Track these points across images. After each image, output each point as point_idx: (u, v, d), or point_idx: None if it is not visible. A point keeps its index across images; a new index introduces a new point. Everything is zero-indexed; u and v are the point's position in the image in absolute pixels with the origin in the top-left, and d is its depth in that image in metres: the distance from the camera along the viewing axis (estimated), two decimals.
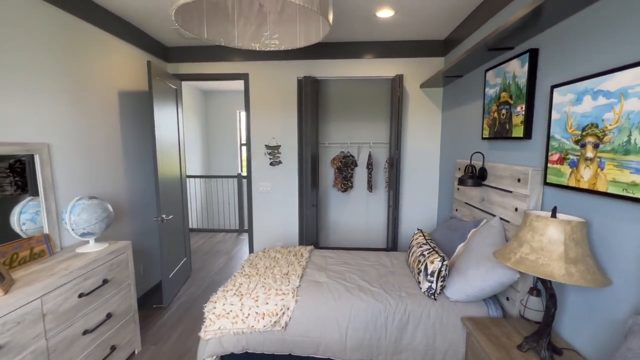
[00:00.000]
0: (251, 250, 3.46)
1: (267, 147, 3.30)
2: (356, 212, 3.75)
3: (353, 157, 3.59)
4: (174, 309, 2.79)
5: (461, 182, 2.06)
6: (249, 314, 1.73)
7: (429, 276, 1.78)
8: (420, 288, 1.85)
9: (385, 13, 2.40)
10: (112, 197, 2.46)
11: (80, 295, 1.68)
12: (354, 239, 3.74)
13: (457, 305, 1.72)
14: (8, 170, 1.76)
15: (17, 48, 1.72)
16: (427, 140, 3.21)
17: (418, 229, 2.33)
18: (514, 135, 1.78)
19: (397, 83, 2.96)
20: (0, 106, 1.64)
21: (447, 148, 3.00)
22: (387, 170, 3.48)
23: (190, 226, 5.29)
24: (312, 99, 3.09)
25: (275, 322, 1.70)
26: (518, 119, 1.74)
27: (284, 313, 1.73)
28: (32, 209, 1.85)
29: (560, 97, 1.41)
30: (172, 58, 3.23)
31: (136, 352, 2.19)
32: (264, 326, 1.69)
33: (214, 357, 1.77)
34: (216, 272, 3.57)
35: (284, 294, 1.81)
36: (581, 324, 1.35)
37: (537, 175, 1.56)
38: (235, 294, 1.84)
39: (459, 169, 2.48)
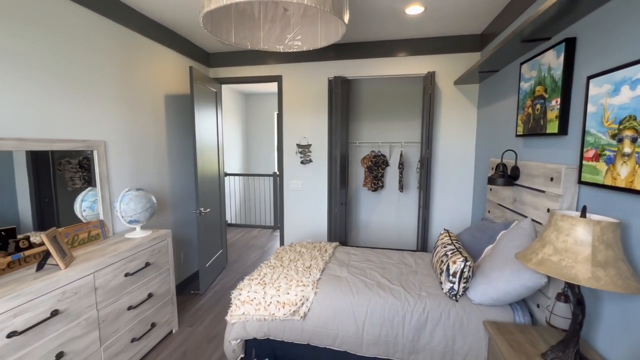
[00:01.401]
0: (282, 243, 3.59)
1: (298, 146, 3.40)
2: (387, 212, 3.72)
3: (384, 156, 3.56)
4: (209, 296, 3.00)
5: (491, 181, 1.97)
6: (270, 302, 1.82)
7: (450, 277, 1.73)
8: (442, 289, 1.80)
9: (414, 10, 2.37)
10: (156, 190, 2.73)
11: (126, 275, 1.91)
12: (385, 239, 3.71)
13: (480, 308, 1.65)
14: (78, 166, 2.07)
15: (81, 59, 2.00)
16: (461, 139, 3.08)
17: (445, 230, 2.26)
18: (548, 131, 1.66)
19: (428, 80, 2.89)
20: (67, 109, 1.92)
21: (482, 147, 2.86)
22: (419, 171, 3.40)
23: (229, 221, 5.61)
24: (342, 99, 3.13)
25: (294, 311, 1.78)
26: (553, 113, 1.62)
27: (303, 303, 1.80)
28: (91, 198, 2.13)
29: (597, 88, 1.30)
30: (213, 63, 3.49)
31: (173, 331, 2.40)
32: (284, 314, 1.78)
33: (239, 340, 1.89)
34: (249, 265, 3.76)
35: (304, 285, 1.88)
36: (619, 337, 1.23)
37: (572, 174, 1.45)
38: (259, 282, 1.95)
39: (492, 168, 2.36)
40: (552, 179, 1.55)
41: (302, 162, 3.42)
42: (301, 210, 3.49)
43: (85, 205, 2.10)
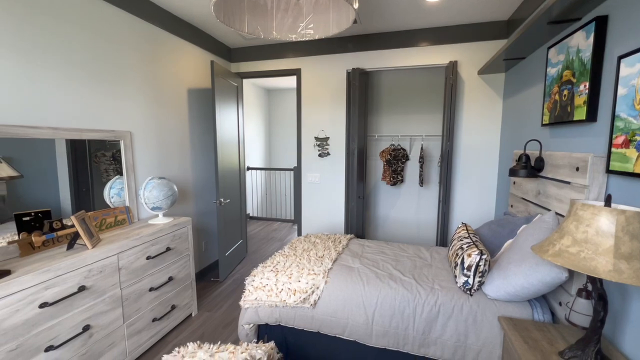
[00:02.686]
0: (299, 235, 3.62)
1: (316, 139, 3.41)
2: (407, 207, 3.64)
3: (404, 150, 3.49)
4: (228, 284, 3.10)
5: (513, 173, 1.87)
6: (282, 289, 1.86)
7: (465, 270, 1.67)
8: (457, 282, 1.75)
9: None
10: (179, 181, 2.85)
11: (147, 258, 2.01)
12: (404, 234, 3.64)
13: (496, 303, 1.58)
14: (112, 159, 2.21)
15: (109, 54, 2.13)
16: (485, 132, 2.95)
17: (462, 223, 2.18)
18: (575, 118, 1.55)
19: (450, 70, 2.79)
20: (96, 101, 2.05)
21: (507, 139, 2.72)
22: (440, 165, 3.30)
23: (250, 214, 5.75)
24: (360, 91, 3.10)
25: (304, 299, 1.80)
26: (580, 99, 1.51)
27: (313, 292, 1.81)
28: (118, 185, 2.26)
29: (628, 68, 1.20)
30: (234, 58, 3.57)
31: (193, 315, 2.51)
32: (295, 302, 1.80)
33: (251, 325, 1.95)
34: (268, 256, 3.84)
35: (315, 274, 1.90)
36: None
37: (599, 163, 1.35)
38: (272, 270, 1.99)
39: (515, 160, 2.24)
40: (577, 169, 1.45)
41: (319, 155, 3.43)
42: (318, 203, 3.50)
43: (113, 192, 2.24)
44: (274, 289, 1.88)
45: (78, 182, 2.00)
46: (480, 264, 1.62)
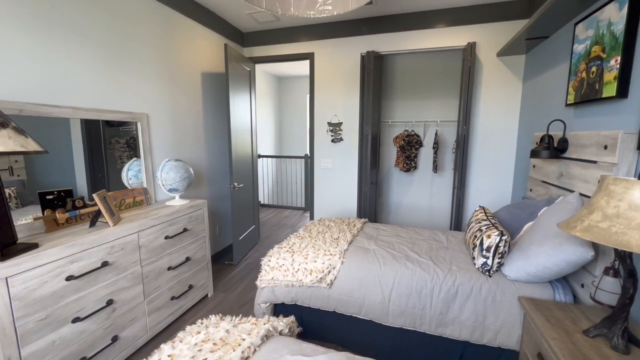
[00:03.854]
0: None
1: (329, 124, 3.39)
2: (420, 194, 3.60)
3: (418, 136, 3.44)
4: (241, 267, 3.14)
5: (534, 154, 1.83)
6: (298, 269, 1.87)
7: (484, 251, 1.65)
8: (475, 264, 1.73)
9: None
10: (193, 164, 2.88)
11: (166, 237, 2.05)
12: (416, 221, 3.61)
13: (516, 284, 1.57)
14: (126, 146, 2.23)
15: (127, 35, 2.13)
16: (503, 116, 2.88)
17: (480, 206, 2.15)
18: (604, 95, 1.50)
19: (468, 52, 2.71)
20: (114, 82, 2.07)
21: (526, 123, 2.65)
22: (455, 151, 3.25)
23: (261, 201, 5.79)
24: (374, 75, 3.05)
25: (321, 278, 1.81)
26: (611, 75, 1.45)
27: (329, 272, 1.82)
28: (136, 167, 2.29)
29: None
30: (247, 42, 3.54)
31: (209, 295, 2.56)
32: (311, 281, 1.81)
33: (268, 304, 1.97)
34: (280, 241, 3.86)
35: (331, 254, 1.90)
36: None
37: (630, 140, 1.30)
38: (287, 250, 2.01)
39: (536, 143, 2.19)
40: (605, 147, 1.40)
41: (332, 141, 3.41)
42: (331, 189, 3.50)
43: (130, 174, 2.27)
44: (290, 268, 1.89)
45: (94, 168, 2.02)
46: (500, 245, 1.60)
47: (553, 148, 1.78)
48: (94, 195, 1.71)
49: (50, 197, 1.75)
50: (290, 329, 1.24)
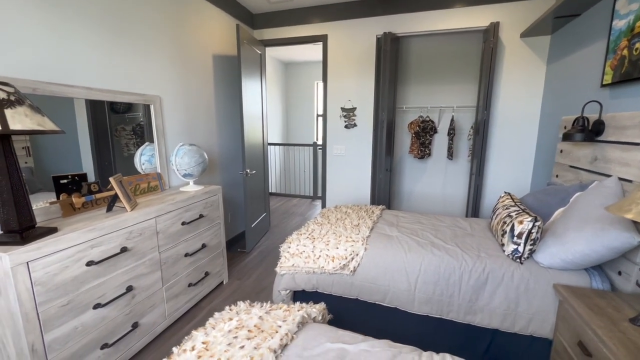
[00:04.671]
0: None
1: (343, 109, 3.30)
2: (433, 181, 3.53)
3: (433, 122, 3.34)
4: (254, 254, 3.11)
5: (567, 137, 1.75)
6: (319, 256, 1.82)
7: (515, 238, 1.59)
8: (504, 251, 1.68)
9: None
10: (205, 149, 2.81)
11: (182, 223, 2.00)
12: (429, 209, 3.55)
13: (550, 271, 1.51)
14: (132, 133, 2.14)
15: (137, 15, 2.03)
16: (524, 101, 2.79)
17: (505, 192, 2.08)
18: None
19: (491, 33, 2.60)
20: (127, 65, 1.98)
21: (550, 107, 2.56)
22: (471, 137, 3.17)
23: (269, 190, 5.73)
24: (391, 59, 2.94)
25: (344, 265, 1.76)
26: None
27: (352, 258, 1.77)
28: (149, 152, 2.23)
29: None
30: (257, 24, 3.42)
31: (224, 283, 2.53)
32: (334, 268, 1.77)
33: (288, 291, 1.93)
34: (291, 229, 3.83)
35: (353, 241, 1.85)
36: None
37: None
38: (308, 237, 1.95)
39: (565, 127, 2.10)
40: None
41: (346, 127, 3.32)
42: (344, 176, 3.43)
43: (144, 158, 2.21)
44: (311, 255, 1.84)
45: (100, 156, 1.94)
46: (533, 231, 1.54)
47: (588, 131, 1.70)
48: (111, 179, 1.65)
49: (65, 181, 1.70)
50: (323, 315, 1.19)
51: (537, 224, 1.54)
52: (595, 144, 1.75)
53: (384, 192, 3.15)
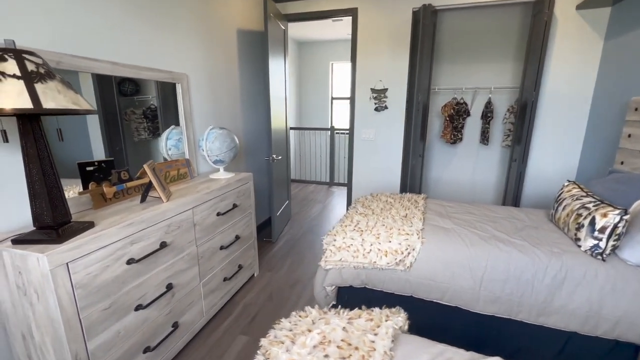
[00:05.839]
0: (349, 197, 3.43)
1: (373, 90, 3.08)
2: (462, 168, 3.34)
3: (466, 104, 3.13)
4: (280, 244, 2.97)
5: None
6: (370, 250, 1.67)
7: (596, 232, 1.43)
8: (579, 246, 1.52)
9: None
10: None
11: (217, 214, 1.84)
12: (457, 197, 3.39)
13: (639, 270, 1.36)
14: (142, 117, 1.91)
15: None
16: (575, 79, 2.57)
17: (569, 181, 1.91)
18: None
19: (545, 4, 2.35)
20: (154, 42, 1.77)
21: (609, 87, 2.34)
22: (506, 121, 2.96)
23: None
24: (429, 35, 2.70)
25: (399, 260, 1.61)
26: None
27: (409, 253, 1.62)
28: (175, 136, 2.04)
29: None
30: None
31: (255, 275, 2.40)
32: (387, 263, 1.62)
33: (333, 287, 1.79)
34: (313, 218, 3.68)
35: (407, 234, 1.70)
36: None
37: None
38: (354, 229, 1.80)
39: (636, 109, 1.90)
40: None
41: (376, 109, 3.12)
42: (373, 162, 3.25)
43: (170, 143, 2.03)
44: (361, 249, 1.69)
45: (111, 141, 1.74)
46: (620, 225, 1.38)
47: None
48: (145, 167, 1.48)
49: (91, 168, 1.52)
50: (408, 324, 1.05)
51: (625, 217, 1.38)
52: None
53: (416, 179, 2.98)
